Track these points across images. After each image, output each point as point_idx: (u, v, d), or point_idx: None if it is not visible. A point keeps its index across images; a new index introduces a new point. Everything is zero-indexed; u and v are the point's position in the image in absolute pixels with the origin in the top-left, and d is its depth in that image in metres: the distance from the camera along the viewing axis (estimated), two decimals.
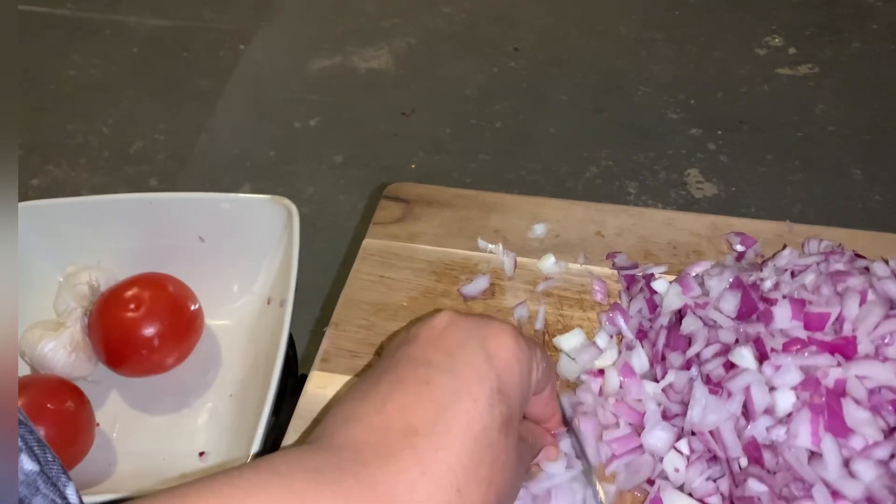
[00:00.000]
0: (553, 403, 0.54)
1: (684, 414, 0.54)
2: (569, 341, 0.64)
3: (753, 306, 0.58)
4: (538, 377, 0.47)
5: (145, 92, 2.04)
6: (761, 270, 0.62)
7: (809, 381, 0.51)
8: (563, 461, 0.55)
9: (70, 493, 0.37)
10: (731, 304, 0.59)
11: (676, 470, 0.53)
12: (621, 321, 0.64)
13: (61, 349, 0.80)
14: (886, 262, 0.59)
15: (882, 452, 0.48)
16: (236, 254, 0.87)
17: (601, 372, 0.60)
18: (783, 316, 0.55)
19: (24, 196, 1.03)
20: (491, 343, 0.44)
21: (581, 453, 0.56)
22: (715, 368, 0.55)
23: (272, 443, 0.70)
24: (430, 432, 0.39)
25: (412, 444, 0.39)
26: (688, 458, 0.53)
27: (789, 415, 0.51)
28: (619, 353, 0.62)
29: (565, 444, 0.56)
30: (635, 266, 0.69)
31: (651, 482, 0.54)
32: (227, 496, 0.34)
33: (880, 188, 1.69)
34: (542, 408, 0.53)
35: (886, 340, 0.52)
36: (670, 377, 0.57)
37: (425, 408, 0.40)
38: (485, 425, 0.41)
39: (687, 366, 0.57)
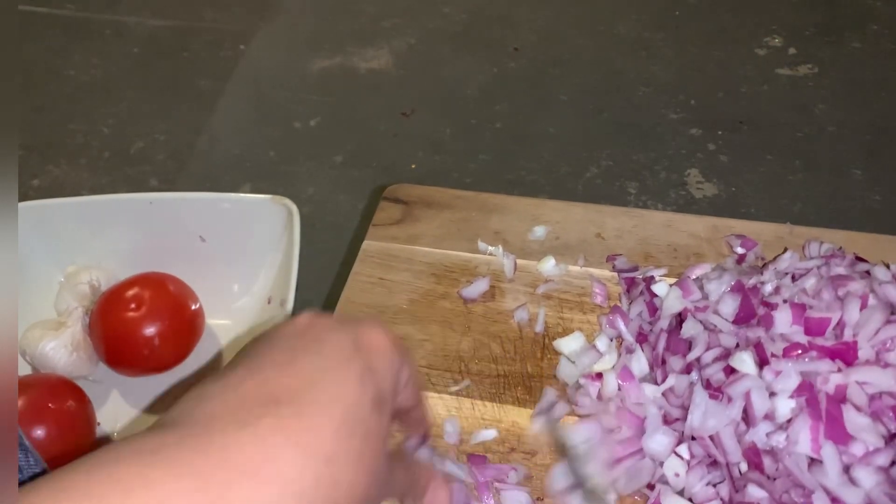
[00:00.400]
0: (422, 411, 0.50)
1: (684, 418, 0.54)
2: (569, 344, 0.64)
3: (752, 310, 0.58)
4: (405, 379, 0.44)
5: (145, 92, 2.04)
6: (762, 274, 0.62)
7: (804, 386, 0.51)
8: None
9: None
10: (730, 307, 0.59)
11: (677, 475, 0.53)
12: (621, 324, 0.64)
13: (62, 348, 0.80)
14: (887, 266, 0.59)
15: (882, 459, 0.48)
16: (236, 254, 0.87)
17: (600, 376, 0.61)
18: (784, 320, 0.55)
19: (24, 196, 1.03)
20: (359, 332, 0.41)
21: (581, 476, 0.55)
22: (715, 373, 0.55)
23: None
24: (294, 400, 0.35)
25: (273, 412, 0.34)
26: (688, 462, 0.53)
27: (789, 420, 0.51)
28: (619, 356, 0.62)
29: (561, 473, 0.55)
30: (635, 268, 0.69)
31: (651, 487, 0.54)
32: (59, 490, 0.29)
33: (880, 188, 1.69)
34: (413, 422, 0.49)
35: (887, 346, 0.52)
36: (670, 381, 0.57)
37: (289, 381, 0.36)
38: (356, 398, 0.37)
39: (687, 370, 0.57)
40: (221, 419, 0.34)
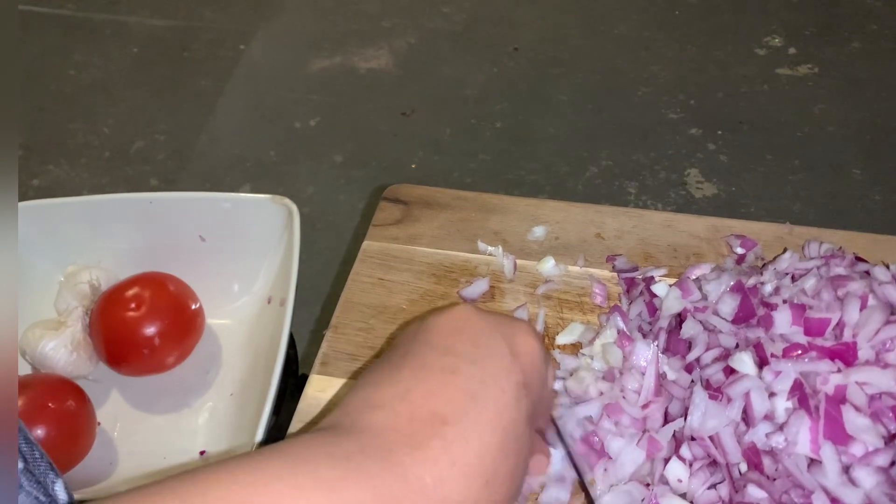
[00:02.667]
0: (550, 409, 0.53)
1: (684, 418, 0.54)
2: (568, 337, 0.64)
3: (751, 310, 0.58)
4: (551, 386, 0.46)
5: (145, 92, 2.04)
6: (761, 274, 0.62)
7: (796, 386, 0.51)
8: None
9: (59, 489, 0.37)
10: (729, 306, 0.59)
11: (680, 480, 0.53)
12: (621, 322, 0.64)
13: (62, 348, 0.80)
14: (887, 266, 0.59)
15: (882, 459, 0.48)
16: (236, 253, 0.87)
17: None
18: (783, 321, 0.55)
19: (24, 196, 1.03)
20: (515, 339, 0.43)
21: (575, 465, 0.55)
22: (715, 373, 0.55)
23: (272, 442, 0.70)
24: (459, 421, 0.37)
25: (441, 433, 0.37)
26: (690, 464, 0.53)
27: (788, 421, 0.51)
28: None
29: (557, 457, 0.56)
30: (635, 269, 0.69)
31: (647, 485, 0.54)
32: (248, 483, 0.32)
33: (880, 188, 1.69)
34: (544, 410, 0.52)
35: (887, 346, 0.52)
36: (672, 376, 0.57)
37: (452, 396, 0.38)
38: (513, 416, 0.39)
39: (687, 370, 0.57)
40: (396, 435, 0.37)
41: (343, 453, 0.35)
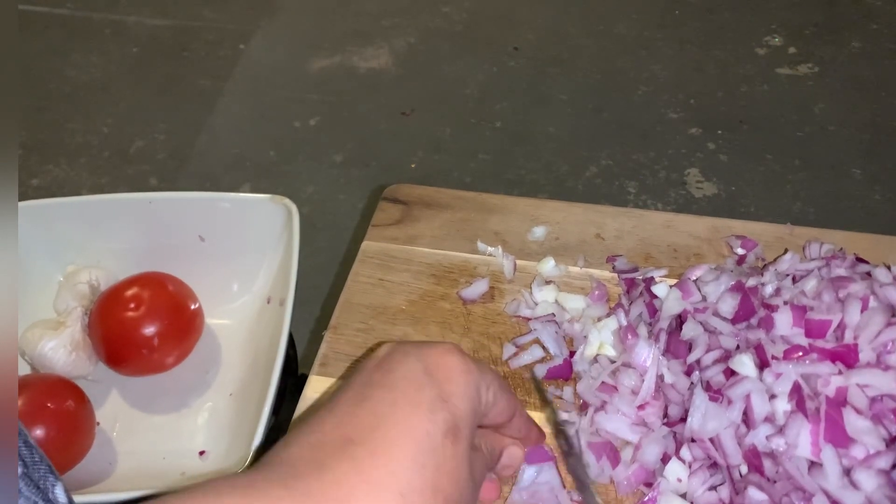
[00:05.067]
0: (527, 425, 0.52)
1: (684, 420, 0.54)
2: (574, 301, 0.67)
3: (751, 308, 0.58)
4: (490, 398, 0.45)
5: (145, 92, 2.04)
6: (762, 275, 0.62)
7: (795, 388, 0.51)
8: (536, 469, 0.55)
9: (59, 493, 0.36)
10: (729, 305, 0.59)
11: (679, 480, 0.53)
12: (623, 318, 0.64)
13: (61, 348, 0.80)
14: (888, 267, 0.59)
15: (883, 462, 0.48)
16: (236, 253, 0.86)
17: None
18: (784, 322, 0.55)
19: (24, 196, 1.03)
20: (431, 358, 0.43)
21: (581, 474, 0.55)
22: (715, 375, 0.55)
23: (272, 442, 0.70)
24: (367, 439, 0.38)
25: (348, 453, 0.37)
26: (689, 465, 0.53)
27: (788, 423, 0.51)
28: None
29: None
30: (635, 269, 0.69)
31: (649, 485, 0.54)
32: None
33: (880, 188, 1.69)
34: (515, 431, 0.51)
35: (888, 348, 0.52)
36: (670, 379, 0.57)
37: (362, 419, 0.39)
38: (427, 429, 0.39)
39: (687, 372, 0.57)
40: (304, 461, 0.37)
41: (247, 483, 0.36)
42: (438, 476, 0.39)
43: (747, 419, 0.52)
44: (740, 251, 0.70)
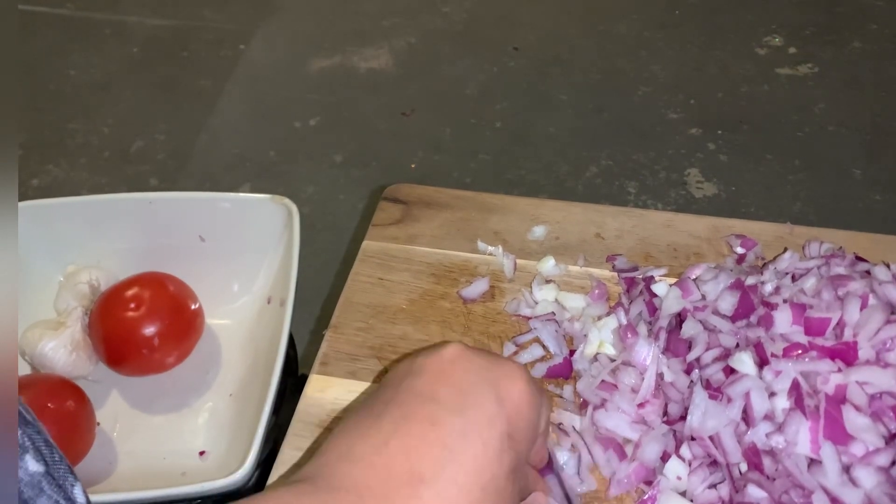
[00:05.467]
0: (543, 450, 0.52)
1: (684, 418, 0.54)
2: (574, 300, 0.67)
3: (750, 306, 0.58)
4: (544, 426, 0.45)
5: (145, 92, 2.04)
6: (762, 273, 0.62)
7: (794, 386, 0.51)
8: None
9: (77, 493, 0.36)
10: (728, 303, 0.59)
11: (679, 478, 0.53)
12: (623, 317, 0.64)
13: (62, 348, 0.80)
14: (888, 266, 0.59)
15: (883, 459, 0.48)
16: (236, 253, 0.86)
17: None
18: (784, 320, 0.55)
19: (24, 196, 1.03)
20: (502, 384, 0.41)
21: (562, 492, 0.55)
22: (715, 373, 0.55)
23: (272, 442, 0.70)
24: (436, 480, 0.37)
25: (417, 494, 0.36)
26: (689, 463, 0.53)
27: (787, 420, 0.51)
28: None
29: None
30: (635, 268, 0.69)
31: (648, 483, 0.54)
32: None
33: (880, 188, 1.69)
34: (533, 455, 0.50)
35: (887, 346, 0.52)
36: (670, 377, 0.57)
37: (431, 451, 0.38)
38: (494, 473, 0.39)
39: (687, 370, 0.57)
40: (372, 492, 0.36)
41: None
42: None
43: (747, 417, 0.52)
44: (740, 250, 0.70)
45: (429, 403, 0.40)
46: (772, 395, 0.52)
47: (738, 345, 0.56)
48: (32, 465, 0.35)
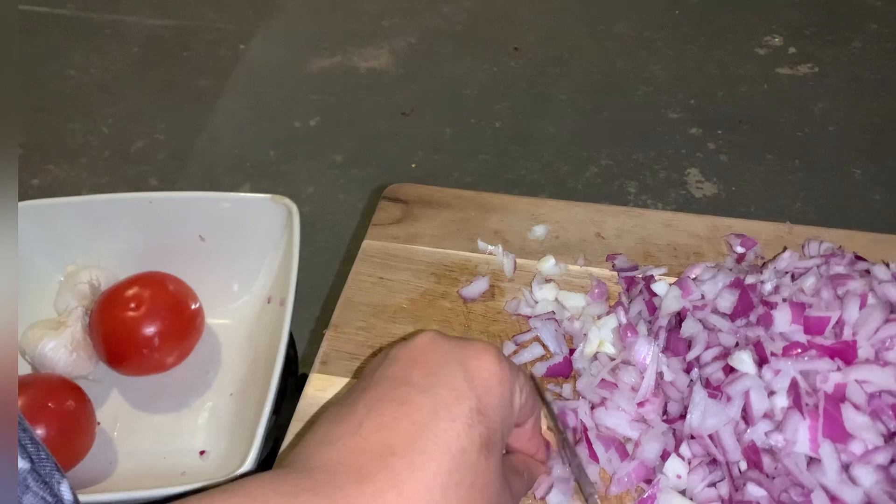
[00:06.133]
0: (537, 437, 0.53)
1: (684, 417, 0.54)
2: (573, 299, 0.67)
3: (749, 304, 0.58)
4: (521, 402, 0.46)
5: (145, 92, 2.04)
6: (761, 273, 0.62)
7: (793, 385, 0.51)
8: (561, 491, 0.55)
9: (64, 490, 0.37)
10: (728, 301, 0.59)
11: (679, 476, 0.53)
12: (623, 317, 0.64)
13: (62, 348, 0.80)
14: (887, 265, 0.59)
15: (882, 457, 0.48)
16: (236, 253, 0.86)
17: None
18: (783, 319, 0.55)
19: (24, 196, 1.03)
20: (472, 363, 0.43)
21: (576, 468, 0.55)
22: (714, 372, 0.55)
23: (273, 442, 0.70)
24: (407, 452, 0.38)
25: (388, 465, 0.38)
26: (689, 461, 0.53)
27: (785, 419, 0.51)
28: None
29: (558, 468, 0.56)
30: (635, 268, 0.69)
31: (648, 481, 0.54)
32: None
33: (880, 188, 1.69)
34: (525, 441, 0.52)
35: (887, 344, 0.52)
36: (669, 376, 0.57)
37: (402, 427, 0.39)
38: (463, 445, 0.40)
39: (687, 369, 0.57)
40: (345, 468, 0.38)
41: (291, 489, 0.37)
42: (472, 493, 0.40)
43: (746, 416, 0.52)
44: (740, 249, 0.70)
45: (401, 386, 0.42)
46: (771, 393, 0.52)
47: (737, 344, 0.56)
48: (19, 462, 0.35)
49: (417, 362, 0.43)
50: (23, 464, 0.35)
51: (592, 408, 0.58)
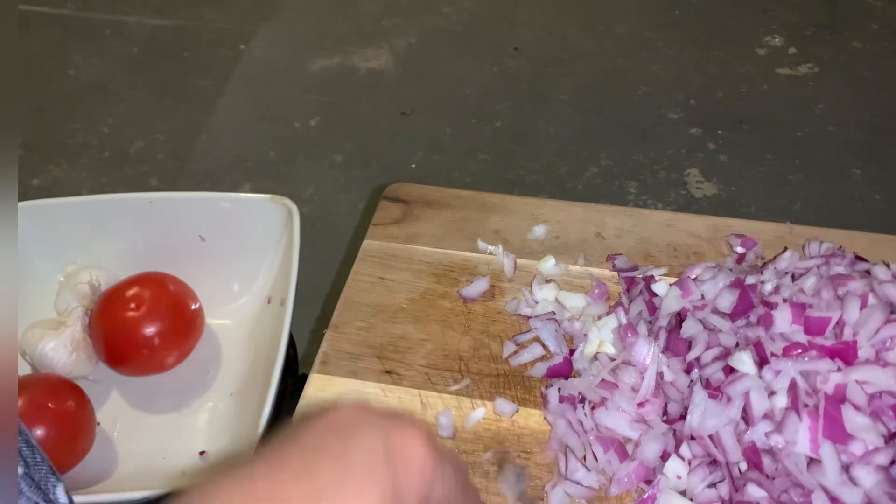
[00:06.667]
0: None
1: (684, 417, 0.54)
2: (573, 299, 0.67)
3: (749, 303, 0.58)
4: (441, 494, 0.39)
5: (145, 92, 2.04)
6: (762, 273, 0.62)
7: (792, 386, 0.51)
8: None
9: (59, 493, 0.36)
10: (728, 301, 0.59)
11: (679, 477, 0.53)
12: (623, 316, 0.64)
13: (62, 348, 0.80)
14: (887, 265, 0.59)
15: (882, 458, 0.48)
16: (236, 253, 0.87)
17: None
18: (783, 320, 0.55)
19: (24, 196, 1.03)
20: (394, 439, 0.37)
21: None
22: (714, 372, 0.55)
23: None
24: None
25: None
26: (689, 462, 0.53)
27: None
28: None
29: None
30: (635, 268, 0.69)
31: (648, 482, 0.54)
32: None
33: (880, 188, 1.69)
34: None
35: (887, 345, 0.52)
36: (670, 376, 0.57)
37: (302, 492, 0.33)
38: None
39: (687, 370, 0.57)
40: None
41: None
42: None
43: (746, 416, 0.52)
44: (740, 250, 0.70)
45: (310, 451, 0.36)
46: (771, 394, 0.52)
47: (737, 344, 0.56)
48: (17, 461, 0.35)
49: (335, 429, 0.37)
50: (17, 468, 0.34)
51: (593, 408, 0.58)
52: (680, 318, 0.61)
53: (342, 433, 0.37)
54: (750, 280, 0.61)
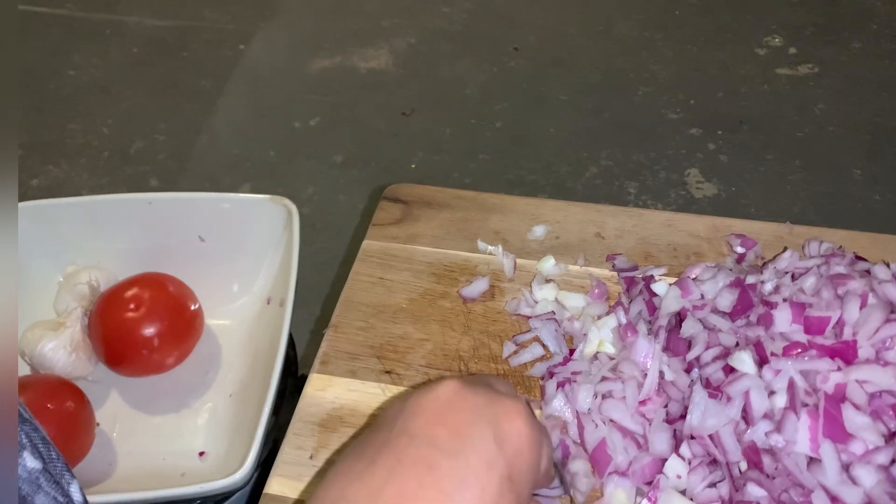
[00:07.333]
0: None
1: (684, 417, 0.54)
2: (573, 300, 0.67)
3: (749, 303, 0.58)
4: (546, 466, 0.43)
5: (145, 92, 2.04)
6: (761, 273, 0.62)
7: (790, 385, 0.51)
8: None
9: (74, 490, 0.36)
10: (727, 300, 0.59)
11: (679, 476, 0.53)
12: (623, 316, 0.64)
13: (61, 349, 0.80)
14: (888, 264, 0.59)
15: (883, 457, 0.48)
16: (236, 254, 0.87)
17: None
18: (783, 319, 0.55)
19: (24, 196, 1.03)
20: (502, 424, 0.40)
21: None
22: (714, 372, 0.55)
23: (272, 442, 0.70)
24: None
25: None
26: (689, 462, 0.53)
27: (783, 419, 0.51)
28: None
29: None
30: (635, 268, 0.69)
31: (649, 483, 0.54)
32: None
33: (880, 188, 1.69)
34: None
35: (887, 344, 0.52)
36: (670, 376, 0.57)
37: (428, 497, 0.36)
38: None
39: (687, 369, 0.57)
40: None
41: None
42: None
43: (746, 416, 0.52)
44: (740, 250, 0.70)
45: (424, 447, 0.38)
46: (771, 393, 0.52)
47: (737, 344, 0.56)
48: (30, 461, 0.35)
49: (442, 418, 0.40)
50: (35, 463, 0.35)
51: (601, 399, 0.58)
52: (680, 317, 0.61)
53: (450, 423, 0.39)
54: (750, 280, 0.61)
